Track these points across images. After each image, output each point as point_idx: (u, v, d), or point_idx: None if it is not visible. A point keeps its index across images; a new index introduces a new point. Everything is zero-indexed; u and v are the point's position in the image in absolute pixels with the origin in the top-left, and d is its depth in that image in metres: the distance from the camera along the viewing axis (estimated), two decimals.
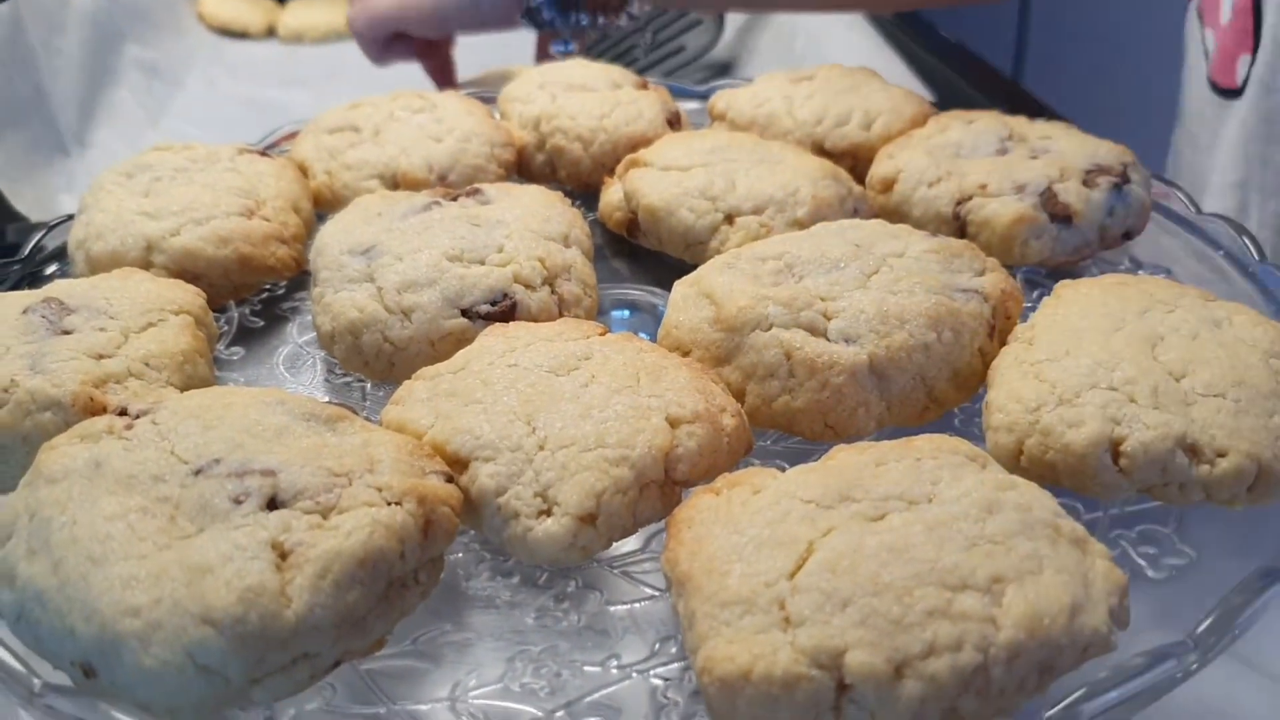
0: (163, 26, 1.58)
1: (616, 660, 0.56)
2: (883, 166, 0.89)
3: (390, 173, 0.90)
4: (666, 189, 0.84)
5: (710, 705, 0.48)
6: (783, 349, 0.66)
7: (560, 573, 0.60)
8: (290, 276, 0.84)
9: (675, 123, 0.99)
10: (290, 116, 1.00)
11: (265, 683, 0.49)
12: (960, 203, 0.83)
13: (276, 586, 0.49)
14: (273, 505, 0.52)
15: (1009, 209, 0.80)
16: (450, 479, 0.57)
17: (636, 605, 0.59)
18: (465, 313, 0.72)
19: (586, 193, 0.96)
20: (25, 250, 0.85)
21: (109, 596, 0.48)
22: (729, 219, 0.82)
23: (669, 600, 0.54)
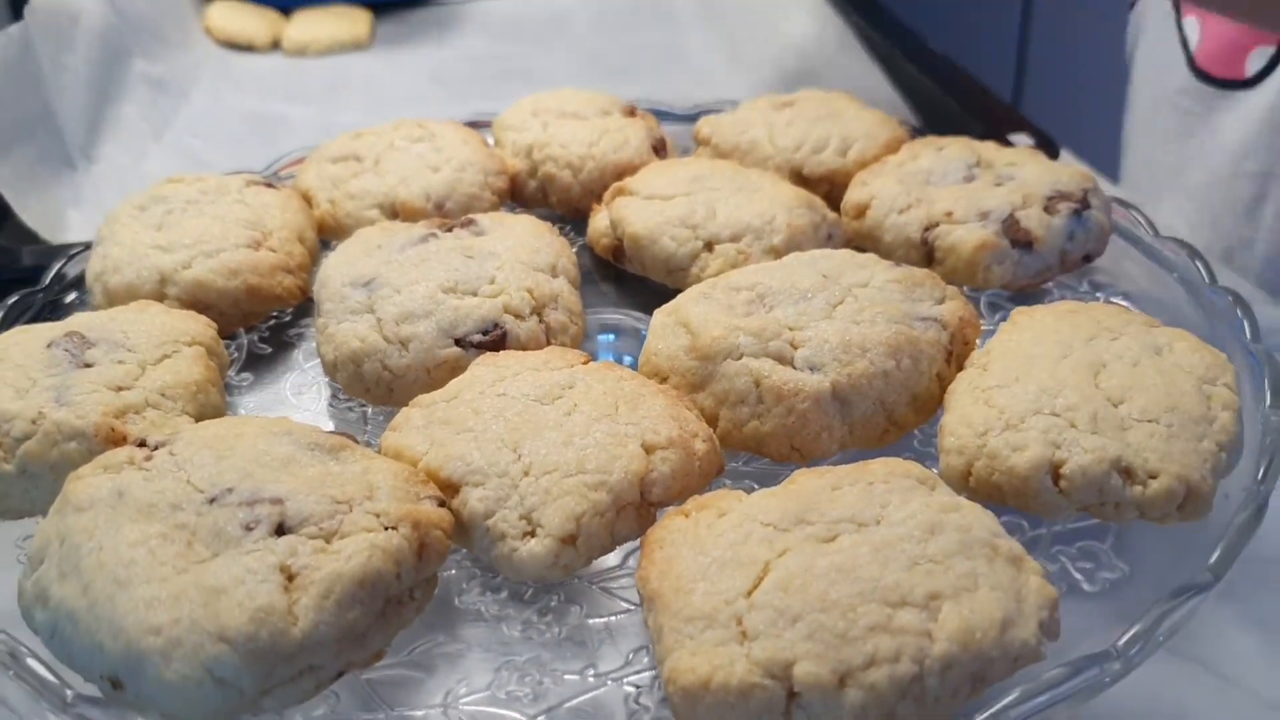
0: (170, 41, 1.55)
1: (594, 669, 0.60)
2: (856, 193, 0.93)
3: (390, 202, 0.95)
4: (650, 218, 0.89)
5: (675, 711, 0.53)
6: (752, 377, 0.70)
7: (544, 588, 0.64)
8: (296, 304, 0.89)
9: (661, 149, 1.03)
10: (293, 129, 0.99)
11: (275, 693, 0.54)
12: (928, 229, 0.87)
13: (284, 606, 0.54)
14: (281, 531, 0.57)
15: (973, 236, 0.85)
16: (443, 503, 0.62)
17: (613, 618, 0.63)
18: (459, 342, 0.76)
19: (577, 218, 1.00)
20: (46, 279, 0.90)
21: (133, 616, 0.53)
22: (709, 246, 0.87)
23: (642, 614, 0.59)
